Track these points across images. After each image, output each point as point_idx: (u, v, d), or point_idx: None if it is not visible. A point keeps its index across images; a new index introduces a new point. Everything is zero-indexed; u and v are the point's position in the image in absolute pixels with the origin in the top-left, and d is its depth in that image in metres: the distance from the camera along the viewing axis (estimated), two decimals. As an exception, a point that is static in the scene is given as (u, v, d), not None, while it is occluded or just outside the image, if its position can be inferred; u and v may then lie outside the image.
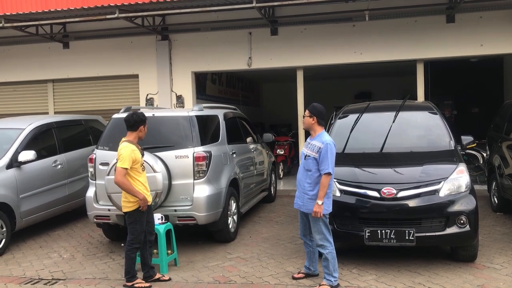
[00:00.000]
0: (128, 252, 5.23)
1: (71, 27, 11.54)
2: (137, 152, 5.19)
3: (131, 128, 5.27)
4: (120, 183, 5.08)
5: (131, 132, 5.28)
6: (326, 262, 4.97)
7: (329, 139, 4.98)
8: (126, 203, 5.19)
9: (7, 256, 6.65)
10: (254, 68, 11.00)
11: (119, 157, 5.11)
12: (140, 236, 5.24)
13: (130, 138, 5.27)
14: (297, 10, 10.23)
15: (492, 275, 5.30)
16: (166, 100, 11.25)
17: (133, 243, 5.21)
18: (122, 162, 5.07)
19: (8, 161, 7.00)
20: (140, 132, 5.31)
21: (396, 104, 7.09)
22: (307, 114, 5.08)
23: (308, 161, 4.99)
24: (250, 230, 7.58)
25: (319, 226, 4.96)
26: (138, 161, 5.19)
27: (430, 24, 10.07)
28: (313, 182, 4.96)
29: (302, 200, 5.05)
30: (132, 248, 5.22)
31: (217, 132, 7.18)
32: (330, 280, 4.98)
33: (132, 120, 5.26)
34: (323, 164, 4.87)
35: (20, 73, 12.13)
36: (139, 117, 5.30)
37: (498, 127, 8.71)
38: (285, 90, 17.28)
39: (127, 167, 5.07)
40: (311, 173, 4.97)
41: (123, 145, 5.19)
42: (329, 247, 4.97)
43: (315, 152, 4.94)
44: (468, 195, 5.51)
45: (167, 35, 11.29)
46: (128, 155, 5.07)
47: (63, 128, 8.43)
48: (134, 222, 5.20)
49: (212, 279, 5.47)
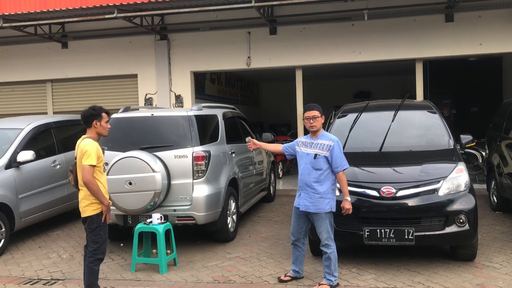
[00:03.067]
0: (91, 265, 4.66)
1: (69, 27, 11.52)
2: (100, 150, 4.67)
3: (85, 124, 4.74)
4: (89, 183, 4.49)
5: (89, 129, 4.73)
6: (329, 261, 4.96)
7: (335, 137, 5.09)
8: (88, 206, 4.62)
9: (6, 256, 6.64)
10: (253, 67, 10.99)
11: (85, 153, 4.51)
12: (104, 244, 4.71)
13: (90, 135, 4.71)
14: (296, 9, 10.23)
15: (491, 274, 5.30)
16: (165, 100, 11.25)
17: (96, 253, 4.66)
18: (89, 158, 4.49)
19: (7, 161, 6.98)
20: (96, 128, 4.71)
21: (395, 103, 7.08)
22: (319, 115, 5.00)
23: (319, 160, 4.94)
24: (250, 229, 7.58)
25: (326, 225, 4.95)
26: (102, 160, 4.69)
27: (429, 23, 10.07)
28: (322, 180, 4.94)
29: (312, 200, 4.95)
30: (96, 259, 4.67)
31: (216, 132, 7.18)
32: (330, 280, 4.97)
33: (83, 116, 4.72)
34: (339, 160, 4.91)
35: (18, 73, 12.12)
36: (90, 111, 4.70)
37: (497, 126, 8.71)
38: (284, 90, 17.30)
39: (95, 164, 4.52)
40: (322, 171, 4.94)
41: (86, 142, 4.60)
42: (333, 246, 4.97)
43: (326, 150, 4.94)
44: (467, 194, 5.51)
45: (166, 34, 11.28)
46: (94, 151, 4.54)
47: (62, 128, 8.42)
48: (98, 228, 4.64)
49: (212, 279, 5.47)
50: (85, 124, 4.75)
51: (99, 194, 4.57)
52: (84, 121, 4.74)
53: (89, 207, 4.63)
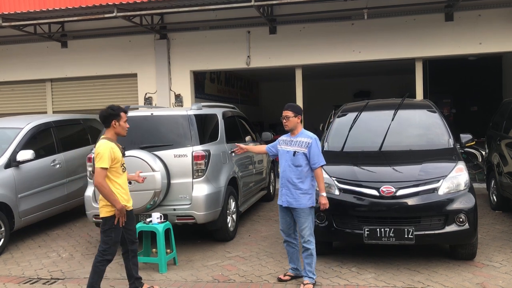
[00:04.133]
0: (98, 264, 4.61)
1: (69, 26, 11.51)
2: (116, 150, 4.63)
3: (104, 124, 4.73)
4: (100, 186, 4.48)
5: (107, 129, 4.73)
6: (311, 259, 5.00)
7: (313, 134, 5.14)
8: (103, 207, 4.63)
9: (6, 255, 6.64)
10: (252, 67, 10.99)
11: (97, 156, 4.51)
12: (114, 246, 4.68)
13: (108, 135, 4.71)
14: (296, 8, 10.22)
15: (491, 273, 5.30)
16: (165, 99, 11.24)
17: (105, 254, 4.61)
18: (101, 161, 4.48)
19: (7, 160, 6.98)
20: (115, 128, 4.70)
21: (395, 102, 7.08)
22: (291, 115, 5.13)
23: (298, 157, 5.04)
24: (249, 229, 7.58)
25: (309, 221, 5.01)
26: (118, 160, 4.63)
27: (428, 23, 10.07)
28: (303, 177, 5.01)
29: (294, 196, 5.03)
30: (103, 260, 4.62)
31: (216, 131, 7.18)
32: (312, 278, 5.03)
33: (101, 116, 4.70)
34: (316, 158, 4.98)
35: (18, 72, 12.10)
36: (108, 111, 4.68)
37: (497, 125, 8.71)
38: (284, 89, 17.26)
39: (107, 166, 4.49)
40: (301, 168, 5.02)
41: (100, 143, 4.62)
42: (314, 243, 5.03)
43: (304, 147, 5.02)
44: (467, 193, 5.51)
45: (166, 34, 11.27)
46: (107, 153, 4.49)
47: (62, 127, 8.41)
48: (110, 230, 4.62)
49: (211, 278, 5.47)
50: (103, 124, 4.74)
51: (110, 197, 4.53)
52: (103, 121, 4.72)
53: (104, 208, 4.63)
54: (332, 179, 5.71)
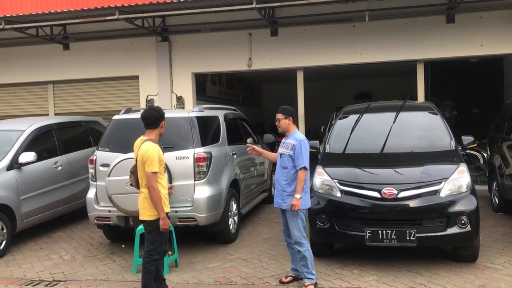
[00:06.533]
0: (147, 265, 4.61)
1: (71, 28, 11.52)
2: (161, 152, 4.62)
3: (152, 126, 4.66)
4: (152, 190, 4.43)
5: (152, 130, 4.66)
6: (305, 260, 5.00)
7: (302, 136, 5.10)
8: (146, 210, 4.58)
9: (8, 257, 6.64)
10: (254, 69, 11.00)
11: (146, 160, 4.43)
12: (160, 246, 4.68)
13: (151, 136, 4.64)
14: (297, 10, 10.23)
15: (493, 275, 5.29)
16: (167, 101, 11.25)
17: (152, 254, 4.61)
18: (151, 165, 4.41)
19: (9, 162, 6.99)
20: (162, 129, 4.73)
21: (397, 104, 7.08)
22: (282, 117, 5.15)
23: (284, 159, 5.08)
24: (251, 231, 7.58)
25: (297, 222, 5.00)
26: (163, 162, 4.64)
27: (430, 25, 10.07)
28: (289, 179, 5.03)
29: (282, 197, 5.09)
30: (151, 260, 4.61)
31: (218, 133, 7.18)
32: (311, 279, 5.02)
33: (152, 117, 4.64)
34: (298, 159, 4.97)
35: (20, 74, 12.13)
36: (159, 112, 4.67)
37: (498, 127, 8.70)
38: (285, 91, 17.27)
39: (157, 170, 4.44)
40: (287, 170, 5.04)
41: (148, 145, 4.50)
42: (306, 244, 5.02)
43: (289, 149, 5.05)
44: (469, 195, 5.51)
45: (167, 36, 11.29)
46: (156, 157, 4.45)
47: (64, 129, 8.43)
48: (155, 231, 4.59)
49: (213, 280, 5.47)
50: (151, 125, 4.67)
51: (158, 205, 4.49)
52: (152, 123, 4.66)
53: (147, 211, 4.59)
54: (333, 181, 5.72)
